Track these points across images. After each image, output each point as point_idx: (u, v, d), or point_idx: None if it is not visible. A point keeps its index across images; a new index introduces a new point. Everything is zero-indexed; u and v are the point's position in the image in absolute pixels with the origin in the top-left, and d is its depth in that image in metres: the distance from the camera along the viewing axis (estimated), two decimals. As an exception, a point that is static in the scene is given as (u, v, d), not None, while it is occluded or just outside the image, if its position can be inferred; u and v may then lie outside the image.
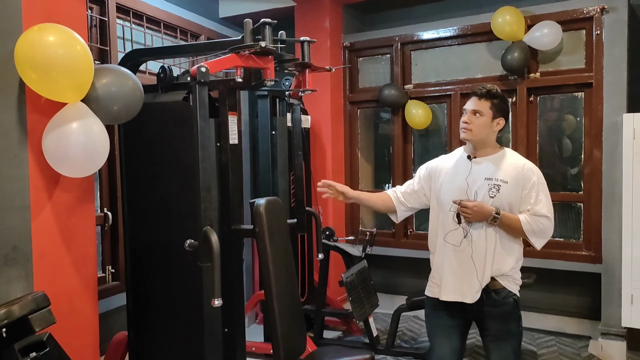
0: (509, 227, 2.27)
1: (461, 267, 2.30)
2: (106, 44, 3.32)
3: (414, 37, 4.60)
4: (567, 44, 4.05)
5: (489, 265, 2.27)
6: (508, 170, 2.31)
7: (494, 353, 2.34)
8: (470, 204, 2.24)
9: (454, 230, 2.33)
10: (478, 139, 2.35)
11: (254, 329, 4.32)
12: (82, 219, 2.27)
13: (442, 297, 2.35)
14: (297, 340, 2.60)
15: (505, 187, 2.28)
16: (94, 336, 2.34)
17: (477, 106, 2.34)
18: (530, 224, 2.26)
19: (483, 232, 2.28)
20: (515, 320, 2.34)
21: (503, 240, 2.29)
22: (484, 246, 2.28)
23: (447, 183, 2.41)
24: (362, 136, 5.02)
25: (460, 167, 2.40)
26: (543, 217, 2.26)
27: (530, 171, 2.31)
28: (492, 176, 2.31)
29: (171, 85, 2.62)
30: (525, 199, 2.28)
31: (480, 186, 2.31)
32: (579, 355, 3.78)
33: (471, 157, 2.38)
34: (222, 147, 2.55)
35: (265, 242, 2.44)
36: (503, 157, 2.37)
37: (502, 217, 2.24)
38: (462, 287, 2.30)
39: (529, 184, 2.28)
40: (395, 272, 4.89)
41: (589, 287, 4.05)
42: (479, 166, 2.35)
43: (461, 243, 2.31)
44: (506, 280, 2.31)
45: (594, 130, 3.91)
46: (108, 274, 3.29)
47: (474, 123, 2.33)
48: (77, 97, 2.02)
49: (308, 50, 2.76)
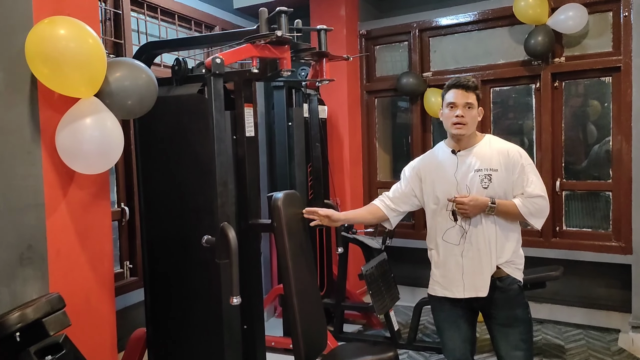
0: (506, 214, 2.27)
1: (468, 263, 2.28)
2: (120, 37, 3.27)
3: (432, 23, 4.48)
4: (593, 27, 3.90)
5: (494, 254, 2.27)
6: (495, 157, 2.29)
7: (502, 341, 2.32)
8: (466, 199, 2.22)
9: (450, 228, 2.31)
10: (471, 132, 2.32)
11: (273, 323, 4.28)
12: (98, 216, 2.23)
13: (455, 294, 2.32)
14: (318, 336, 2.56)
15: (496, 175, 2.26)
16: (112, 334, 2.31)
17: (468, 98, 2.28)
18: (527, 207, 2.24)
19: (482, 225, 2.27)
20: (521, 306, 2.32)
21: (502, 229, 2.28)
22: (486, 239, 2.26)
23: (437, 181, 2.37)
24: (379, 126, 4.93)
25: (447, 164, 2.36)
26: (537, 197, 2.25)
27: (517, 154, 2.29)
28: (481, 167, 2.28)
29: (186, 77, 2.59)
30: (517, 183, 2.27)
31: (472, 179, 2.28)
32: (609, 349, 3.67)
33: (455, 152, 2.34)
34: (239, 140, 2.51)
35: (283, 237, 2.39)
36: (486, 144, 2.34)
37: (499, 205, 2.23)
38: (474, 282, 2.28)
39: (518, 167, 2.27)
40: (416, 264, 4.79)
41: (618, 279, 3.92)
42: (466, 159, 2.32)
43: (460, 241, 2.29)
44: (509, 267, 2.29)
45: (623, 116, 3.76)
46: (126, 269, 3.27)
47: (468, 116, 2.28)
48: (90, 92, 1.98)
49: (325, 38, 2.69)
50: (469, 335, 2.38)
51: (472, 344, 2.39)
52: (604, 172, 3.98)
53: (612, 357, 3.54)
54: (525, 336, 2.30)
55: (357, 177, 4.81)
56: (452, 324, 2.38)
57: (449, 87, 2.34)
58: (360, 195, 4.85)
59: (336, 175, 4.53)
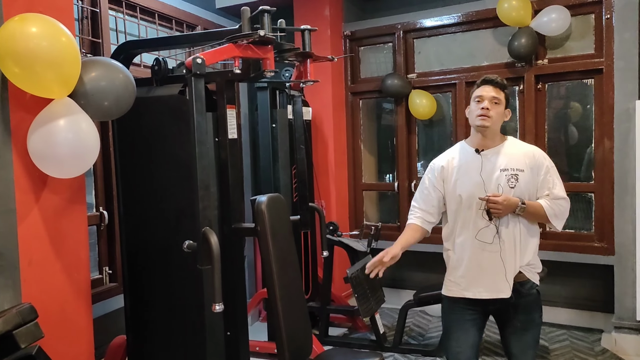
0: (533, 215, 2.27)
1: (491, 264, 2.26)
2: (98, 36, 3.19)
3: (417, 24, 4.46)
4: (575, 29, 3.92)
5: (518, 255, 2.26)
6: (521, 158, 2.29)
7: (516, 344, 2.33)
8: (500, 199, 2.20)
9: (485, 228, 2.27)
10: (494, 128, 2.30)
11: (257, 327, 4.22)
12: (73, 222, 2.15)
13: (475, 295, 2.29)
14: (303, 341, 2.51)
15: (523, 176, 2.26)
16: (89, 344, 2.23)
17: (496, 94, 2.28)
18: (552, 208, 2.26)
19: (510, 225, 2.25)
20: (538, 310, 2.35)
21: (526, 228, 2.28)
22: (512, 239, 2.25)
23: (462, 181, 2.32)
24: (364, 127, 4.90)
25: (471, 162, 2.33)
26: (562, 199, 2.28)
27: (542, 156, 2.32)
28: (507, 166, 2.27)
29: (166, 78, 2.52)
30: (542, 184, 2.28)
31: (498, 178, 2.26)
32: (592, 349, 3.68)
33: (479, 151, 2.32)
34: (221, 142, 2.45)
35: (267, 242, 2.34)
36: (510, 146, 2.34)
37: (528, 206, 2.23)
38: (495, 283, 2.26)
39: (543, 169, 2.28)
40: (401, 267, 4.76)
41: (601, 279, 3.94)
42: (490, 158, 2.30)
43: (493, 240, 2.26)
44: (529, 270, 2.30)
45: (604, 118, 3.78)
46: (105, 275, 3.18)
47: (494, 110, 2.27)
48: (63, 93, 1.90)
49: (309, 39, 2.64)
50: (476, 341, 2.36)
51: (477, 349, 2.37)
52: (587, 173, 4.00)
53: (596, 357, 3.56)
54: (537, 337, 2.36)
55: (342, 180, 4.78)
56: (461, 327, 2.35)
57: (479, 84, 2.34)
58: (346, 197, 4.81)
59: (321, 178, 4.49)
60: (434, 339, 3.92)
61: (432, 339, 3.97)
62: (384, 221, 4.72)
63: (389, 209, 4.93)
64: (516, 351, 2.33)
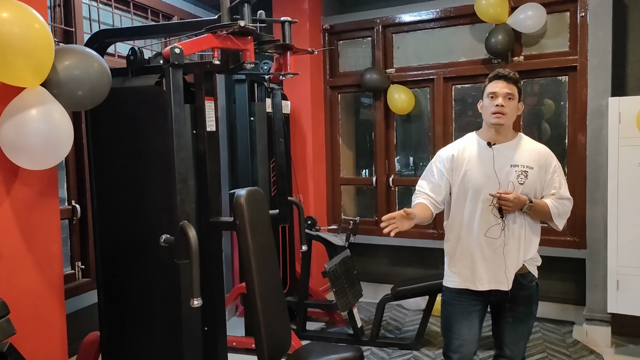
0: (538, 213, 2.30)
1: (495, 257, 2.28)
2: (71, 24, 3.09)
3: (396, 19, 4.47)
4: (551, 27, 3.98)
5: (522, 250, 2.29)
6: (531, 155, 2.31)
7: (510, 334, 2.37)
8: (511, 197, 2.21)
9: (495, 225, 2.28)
10: (509, 124, 2.31)
11: (235, 322, 4.19)
12: (45, 215, 2.09)
13: (478, 287, 2.31)
14: (282, 336, 2.49)
15: (532, 173, 2.28)
16: (62, 340, 2.17)
17: (510, 89, 2.27)
18: (557, 208, 2.30)
19: (516, 221, 2.27)
20: (536, 302, 2.40)
21: (530, 225, 2.31)
22: (517, 234, 2.29)
23: (472, 172, 2.32)
24: (343, 122, 4.89)
25: (482, 156, 2.32)
26: (566, 199, 2.34)
27: (551, 156, 2.35)
28: (517, 162, 2.28)
29: (142, 68, 2.45)
30: (549, 184, 2.31)
31: (508, 173, 2.28)
32: (564, 341, 3.76)
33: (491, 144, 2.31)
34: (199, 134, 2.40)
35: (246, 236, 2.31)
36: (521, 141, 2.35)
37: (535, 204, 2.26)
38: (497, 275, 2.28)
39: (551, 168, 2.32)
40: (379, 261, 4.81)
41: (572, 273, 4.03)
42: (502, 153, 2.30)
43: (500, 235, 2.28)
44: (531, 264, 2.34)
45: (578, 115, 3.86)
46: (78, 270, 3.11)
47: (508, 106, 2.26)
48: (36, 81, 1.84)
49: (289, 31, 2.61)
50: (478, 333, 2.39)
51: (478, 343, 2.41)
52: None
53: (568, 348, 3.63)
54: (531, 329, 2.44)
55: (320, 174, 4.76)
56: (464, 319, 2.36)
57: (491, 78, 2.32)
58: (324, 192, 4.80)
59: (299, 172, 4.46)
60: (411, 332, 3.95)
61: (408, 332, 4.00)
62: (362, 216, 4.72)
63: (367, 204, 4.95)
64: (509, 341, 2.37)
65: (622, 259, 3.42)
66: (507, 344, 2.37)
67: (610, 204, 3.45)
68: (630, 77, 3.75)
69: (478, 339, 2.39)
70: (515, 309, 2.33)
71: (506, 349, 2.38)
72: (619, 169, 3.41)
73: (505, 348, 2.38)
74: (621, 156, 3.40)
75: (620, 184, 3.41)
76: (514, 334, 2.36)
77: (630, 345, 3.63)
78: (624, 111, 3.38)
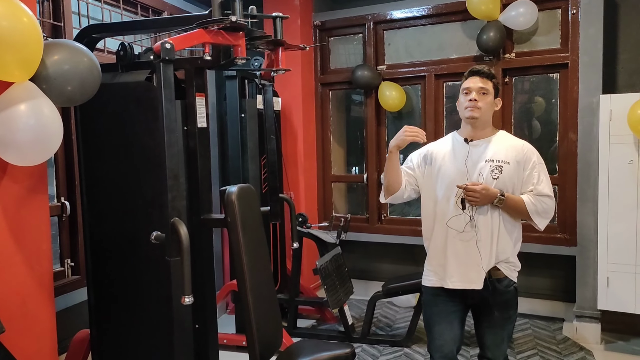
0: (513, 209, 2.25)
1: (466, 253, 2.26)
2: (60, 19, 3.05)
3: (387, 16, 4.47)
4: (542, 24, 3.99)
5: (494, 249, 2.25)
6: (508, 151, 2.28)
7: (489, 337, 2.35)
8: (478, 187, 2.20)
9: (456, 215, 2.27)
10: (484, 119, 2.30)
11: (225, 320, 4.17)
12: (35, 212, 2.06)
13: (449, 285, 2.30)
14: (273, 334, 2.48)
15: (507, 168, 2.25)
16: (52, 339, 2.15)
17: (484, 84, 2.28)
18: (535, 205, 2.23)
19: (488, 216, 2.24)
20: (514, 307, 2.35)
21: (506, 224, 2.27)
22: (489, 230, 2.24)
23: (446, 167, 2.34)
24: (334, 119, 4.88)
25: (458, 151, 2.34)
26: (546, 196, 2.25)
27: (530, 151, 2.30)
28: (492, 157, 2.27)
29: (132, 64, 2.42)
30: (527, 180, 2.27)
31: (482, 168, 2.27)
32: (554, 338, 3.78)
33: (468, 140, 2.32)
34: (190, 131, 2.38)
35: (238, 233, 2.29)
36: (499, 138, 2.34)
37: (507, 199, 2.22)
38: (468, 273, 2.27)
39: (530, 164, 2.27)
40: (369, 258, 4.81)
41: (562, 270, 4.05)
42: (478, 148, 2.30)
43: (464, 228, 2.26)
44: (507, 268, 2.30)
45: (569, 112, 3.87)
46: (67, 267, 3.07)
47: (482, 101, 2.27)
48: (24, 76, 1.80)
49: (280, 27, 2.59)
50: (459, 333, 2.36)
51: (460, 341, 2.38)
52: (551, 166, 4.09)
53: (558, 345, 3.66)
54: (512, 332, 2.38)
55: (311, 171, 4.75)
56: (444, 320, 2.35)
57: (466, 75, 2.34)
58: (315, 189, 4.79)
59: (290, 169, 4.45)
60: (402, 329, 3.96)
61: (399, 329, 4.01)
62: (353, 213, 4.73)
63: (358, 201, 4.94)
64: (489, 343, 2.35)
65: (612, 256, 3.44)
66: (488, 346, 2.35)
67: (601, 201, 3.47)
68: (620, 74, 3.77)
69: (460, 338, 2.37)
70: (491, 315, 2.30)
71: (487, 351, 2.36)
72: (609, 166, 3.43)
73: (487, 350, 2.37)
74: (612, 153, 3.42)
75: (610, 181, 3.43)
76: (493, 337, 2.34)
77: (619, 342, 3.67)
78: (615, 109, 3.40)
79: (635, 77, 3.71)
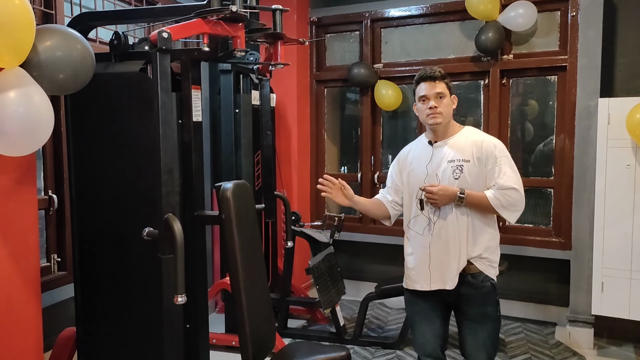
0: (477, 206, 2.24)
1: (435, 254, 2.28)
2: (51, 6, 2.95)
3: (384, 13, 4.42)
4: (541, 25, 3.96)
5: (464, 248, 2.25)
6: (468, 148, 2.28)
7: (469, 338, 2.31)
8: (435, 189, 2.22)
9: (416, 217, 2.33)
10: (446, 121, 2.31)
11: (215, 319, 4.09)
12: (22, 205, 1.98)
13: (417, 287, 2.33)
14: (267, 334, 2.42)
15: (468, 166, 2.25)
16: (37, 336, 2.07)
17: (438, 88, 2.28)
18: (498, 199, 2.21)
19: (453, 215, 2.25)
20: (492, 304, 2.30)
21: (475, 221, 2.26)
22: (456, 229, 2.25)
23: (413, 171, 2.38)
24: (328, 117, 4.83)
25: (422, 155, 2.36)
26: (509, 189, 2.21)
27: (491, 146, 2.27)
28: (454, 158, 2.28)
29: (126, 54, 2.35)
30: (490, 175, 2.25)
31: (445, 169, 2.28)
32: (547, 342, 3.76)
33: (432, 142, 2.34)
34: (185, 124, 2.31)
35: (232, 231, 2.22)
36: (462, 136, 2.33)
37: (468, 196, 2.21)
38: (441, 274, 2.27)
39: (491, 159, 2.25)
40: (362, 258, 4.76)
41: (556, 274, 4.03)
42: (441, 150, 2.31)
43: (424, 231, 2.30)
44: (482, 263, 2.27)
45: (566, 115, 3.85)
46: (53, 263, 2.98)
47: (441, 105, 2.27)
48: (15, 62, 1.73)
49: (280, 20, 2.53)
50: (441, 331, 2.36)
51: (443, 339, 2.37)
52: (547, 169, 4.07)
53: (550, 349, 3.64)
54: (493, 334, 2.31)
55: (305, 169, 4.69)
56: (424, 318, 2.36)
57: (417, 81, 2.33)
58: (308, 187, 4.73)
59: (283, 167, 4.39)
60: (394, 331, 3.92)
61: (391, 331, 3.96)
62: (346, 212, 4.66)
63: (351, 200, 4.87)
64: (470, 347, 2.30)
65: (607, 260, 3.42)
66: (469, 352, 2.31)
67: (597, 205, 3.45)
68: (618, 78, 3.75)
69: (442, 335, 2.36)
70: (467, 310, 2.29)
71: (468, 357, 2.32)
72: (606, 170, 3.41)
73: (467, 356, 2.32)
74: (609, 157, 3.40)
75: (607, 185, 3.41)
76: (473, 338, 2.29)
77: (612, 347, 3.65)
78: (613, 112, 3.38)
79: (633, 82, 3.69)
